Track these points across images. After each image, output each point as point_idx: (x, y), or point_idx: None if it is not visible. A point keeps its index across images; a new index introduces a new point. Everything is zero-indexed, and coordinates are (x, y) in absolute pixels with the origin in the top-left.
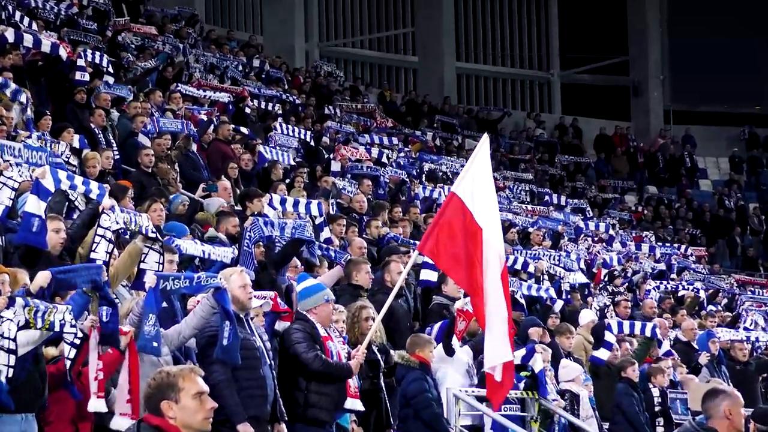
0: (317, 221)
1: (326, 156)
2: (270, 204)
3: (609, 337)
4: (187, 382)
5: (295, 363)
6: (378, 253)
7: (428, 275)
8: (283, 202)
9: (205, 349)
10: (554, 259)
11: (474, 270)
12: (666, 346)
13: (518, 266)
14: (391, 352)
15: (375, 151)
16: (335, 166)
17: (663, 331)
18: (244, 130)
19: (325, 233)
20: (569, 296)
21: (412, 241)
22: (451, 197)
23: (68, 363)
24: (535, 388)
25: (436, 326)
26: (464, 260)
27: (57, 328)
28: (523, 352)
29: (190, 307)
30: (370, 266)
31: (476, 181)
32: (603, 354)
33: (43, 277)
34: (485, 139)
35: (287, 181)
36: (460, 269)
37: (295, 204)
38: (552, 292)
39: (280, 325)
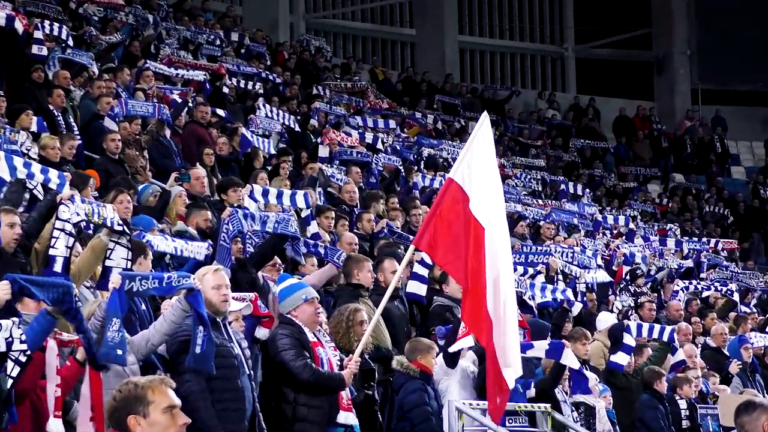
0: (303, 214)
1: (314, 141)
2: (251, 195)
3: (628, 339)
4: (157, 395)
5: (281, 372)
6: (371, 249)
7: (416, 288)
8: (265, 193)
9: (176, 357)
10: (568, 256)
11: (472, 268)
12: (680, 354)
13: (527, 268)
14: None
15: (369, 136)
16: (322, 152)
17: (683, 336)
18: (220, 112)
19: (313, 227)
20: (584, 298)
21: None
22: (448, 184)
23: (10, 381)
24: (544, 399)
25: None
26: (464, 255)
27: (2, 347)
28: (545, 345)
29: (163, 310)
30: (372, 264)
31: (477, 166)
32: (622, 359)
33: (3, 291)
34: (485, 118)
35: (269, 168)
36: (460, 266)
37: (279, 195)
38: (569, 294)
39: (260, 332)
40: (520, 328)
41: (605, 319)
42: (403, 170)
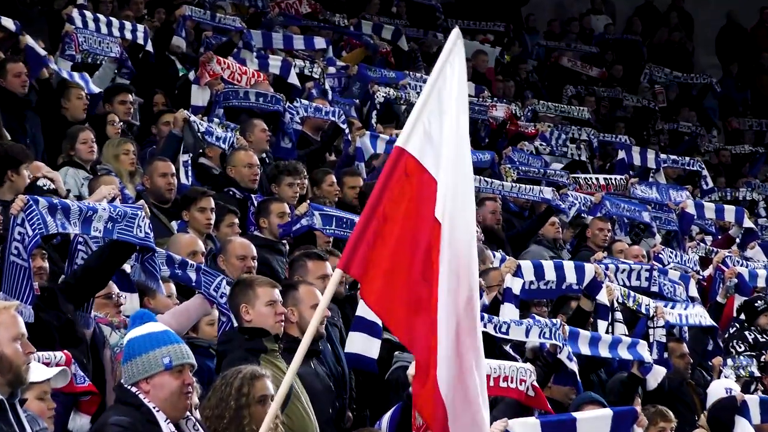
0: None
1: (181, 74)
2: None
3: (744, 428)
4: None
5: None
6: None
7: (361, 345)
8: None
9: None
10: (636, 279)
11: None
12: None
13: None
14: None
15: (275, 64)
16: (198, 97)
17: None
18: (7, 22)
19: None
20: (664, 353)
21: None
22: (396, 158)
23: None
24: None
25: (386, 416)
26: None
27: None
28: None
29: None
30: (278, 291)
31: (449, 123)
32: None
33: None
34: (456, 38)
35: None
36: (405, 307)
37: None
38: (644, 351)
39: (77, 421)
40: (540, 413)
41: (718, 391)
42: (347, 130)
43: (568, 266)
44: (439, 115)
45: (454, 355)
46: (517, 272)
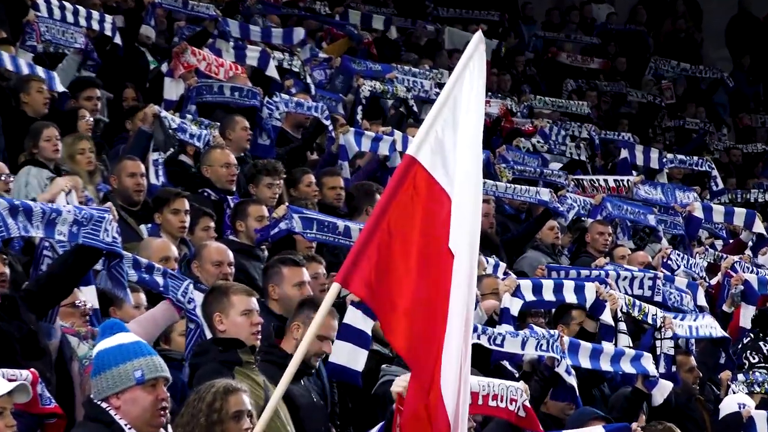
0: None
1: (152, 68)
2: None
3: None
4: None
5: None
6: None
7: (346, 356)
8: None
9: None
10: (639, 287)
11: (435, 326)
12: None
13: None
14: None
15: (252, 55)
16: (171, 90)
17: None
18: None
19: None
20: (672, 367)
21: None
22: (406, 167)
23: None
24: None
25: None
26: (426, 304)
27: None
28: None
29: None
30: (255, 299)
31: (466, 134)
32: None
33: None
34: (478, 41)
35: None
36: (410, 323)
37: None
38: (648, 364)
39: None
40: None
41: (733, 406)
42: (330, 127)
43: (568, 286)
44: (453, 126)
45: (459, 379)
46: (516, 292)
